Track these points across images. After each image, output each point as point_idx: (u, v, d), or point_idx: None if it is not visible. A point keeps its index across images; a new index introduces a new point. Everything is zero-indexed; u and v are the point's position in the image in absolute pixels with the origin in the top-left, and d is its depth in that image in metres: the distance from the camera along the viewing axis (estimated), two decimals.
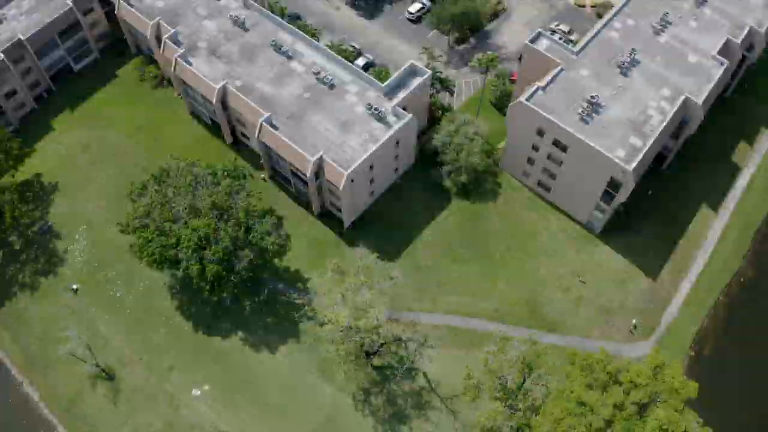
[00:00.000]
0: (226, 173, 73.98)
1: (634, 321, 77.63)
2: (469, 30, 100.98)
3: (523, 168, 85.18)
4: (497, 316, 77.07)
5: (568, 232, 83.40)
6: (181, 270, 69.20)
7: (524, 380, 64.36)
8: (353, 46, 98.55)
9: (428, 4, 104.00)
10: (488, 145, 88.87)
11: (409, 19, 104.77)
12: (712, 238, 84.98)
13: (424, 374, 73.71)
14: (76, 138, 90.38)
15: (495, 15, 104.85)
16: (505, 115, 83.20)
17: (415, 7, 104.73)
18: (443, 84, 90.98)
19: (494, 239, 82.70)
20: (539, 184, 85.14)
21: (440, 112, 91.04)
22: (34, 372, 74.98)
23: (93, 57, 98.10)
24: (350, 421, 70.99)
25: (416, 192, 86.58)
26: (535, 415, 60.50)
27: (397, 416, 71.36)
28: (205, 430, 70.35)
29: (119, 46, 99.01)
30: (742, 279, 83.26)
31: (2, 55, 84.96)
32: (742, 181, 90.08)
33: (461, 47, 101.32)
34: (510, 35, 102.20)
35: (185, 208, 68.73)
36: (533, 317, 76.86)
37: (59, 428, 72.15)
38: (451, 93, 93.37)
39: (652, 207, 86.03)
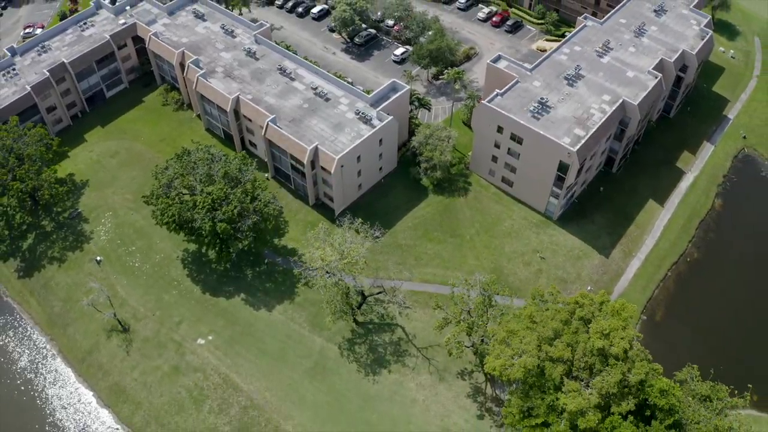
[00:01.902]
0: (236, 157, 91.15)
1: (589, 288, 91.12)
2: (445, 67, 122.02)
3: (489, 167, 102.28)
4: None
5: (529, 219, 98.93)
6: (196, 228, 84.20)
7: (488, 318, 77.06)
8: (346, 80, 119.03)
9: (411, 48, 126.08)
10: (459, 153, 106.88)
11: (394, 61, 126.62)
12: (659, 226, 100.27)
13: (402, 328, 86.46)
14: (106, 147, 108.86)
15: (468, 57, 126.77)
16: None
17: (399, 51, 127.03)
18: (421, 102, 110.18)
19: (465, 225, 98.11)
20: (503, 180, 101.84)
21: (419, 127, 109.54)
22: (55, 329, 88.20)
23: (123, 86, 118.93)
24: (336, 366, 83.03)
25: (398, 189, 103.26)
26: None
27: (378, 362, 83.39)
28: (207, 372, 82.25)
29: (146, 80, 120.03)
30: (688, 259, 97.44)
31: (47, 73, 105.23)
32: (685, 183, 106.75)
33: (438, 81, 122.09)
34: (480, 72, 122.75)
35: (201, 177, 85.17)
36: (498, 285, 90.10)
37: (73, 376, 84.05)
38: (428, 110, 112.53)
39: (604, 201, 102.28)
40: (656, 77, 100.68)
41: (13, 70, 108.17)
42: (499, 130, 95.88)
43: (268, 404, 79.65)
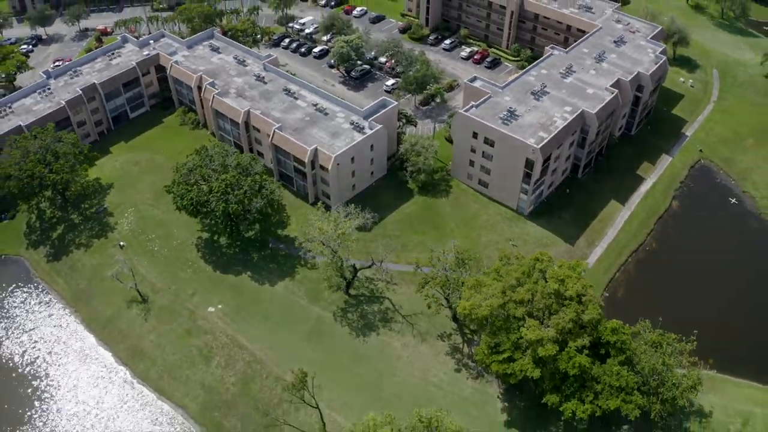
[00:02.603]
0: (246, 156, 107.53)
1: None
2: (431, 96, 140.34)
3: (467, 171, 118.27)
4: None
5: (502, 215, 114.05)
6: (210, 210, 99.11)
7: (461, 272, 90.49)
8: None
9: (400, 79, 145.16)
10: (441, 163, 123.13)
11: (386, 90, 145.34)
12: (620, 221, 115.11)
13: (389, 300, 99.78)
14: (129, 158, 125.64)
15: (451, 88, 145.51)
16: None
17: (390, 82, 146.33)
18: (408, 119, 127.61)
19: (445, 219, 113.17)
20: (479, 182, 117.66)
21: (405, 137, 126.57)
22: (80, 303, 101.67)
23: (144, 110, 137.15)
24: (331, 329, 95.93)
25: (387, 191, 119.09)
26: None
27: (368, 326, 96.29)
28: (216, 334, 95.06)
29: (165, 104, 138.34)
30: (647, 248, 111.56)
31: (80, 91, 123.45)
32: (645, 187, 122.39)
33: (425, 108, 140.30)
34: (462, 101, 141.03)
35: (217, 168, 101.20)
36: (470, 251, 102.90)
37: (94, 340, 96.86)
38: (414, 125, 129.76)
39: (570, 201, 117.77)
40: (613, 92, 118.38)
41: (48, 90, 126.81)
42: (474, 135, 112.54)
43: (269, 360, 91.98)
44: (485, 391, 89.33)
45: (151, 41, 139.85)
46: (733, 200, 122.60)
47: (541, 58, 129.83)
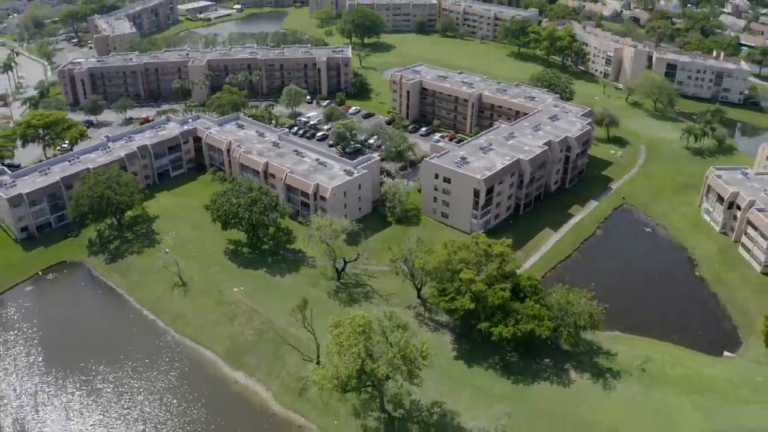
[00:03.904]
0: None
1: None
2: (407, 159, 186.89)
3: (433, 207, 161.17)
4: None
5: (459, 236, 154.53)
6: (238, 219, 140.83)
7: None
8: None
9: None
10: (413, 205, 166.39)
11: None
12: (552, 241, 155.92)
13: (371, 286, 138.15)
14: (170, 201, 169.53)
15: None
16: None
17: (376, 155, 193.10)
18: (387, 173, 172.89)
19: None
20: (442, 214, 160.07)
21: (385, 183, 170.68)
22: (133, 291, 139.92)
23: (183, 170, 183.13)
24: (326, 304, 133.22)
25: (372, 222, 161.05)
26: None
27: (353, 301, 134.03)
28: (239, 305, 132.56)
29: (199, 168, 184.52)
30: (573, 259, 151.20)
31: (136, 149, 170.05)
32: (575, 220, 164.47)
33: (403, 172, 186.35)
34: None
35: (244, 190, 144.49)
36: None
37: (146, 312, 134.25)
38: (393, 178, 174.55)
39: (512, 228, 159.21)
40: (543, 148, 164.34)
41: (108, 149, 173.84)
42: (436, 176, 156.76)
43: (278, 321, 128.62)
44: (440, 339, 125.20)
45: (190, 119, 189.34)
46: (648, 229, 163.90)
47: (490, 128, 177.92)
